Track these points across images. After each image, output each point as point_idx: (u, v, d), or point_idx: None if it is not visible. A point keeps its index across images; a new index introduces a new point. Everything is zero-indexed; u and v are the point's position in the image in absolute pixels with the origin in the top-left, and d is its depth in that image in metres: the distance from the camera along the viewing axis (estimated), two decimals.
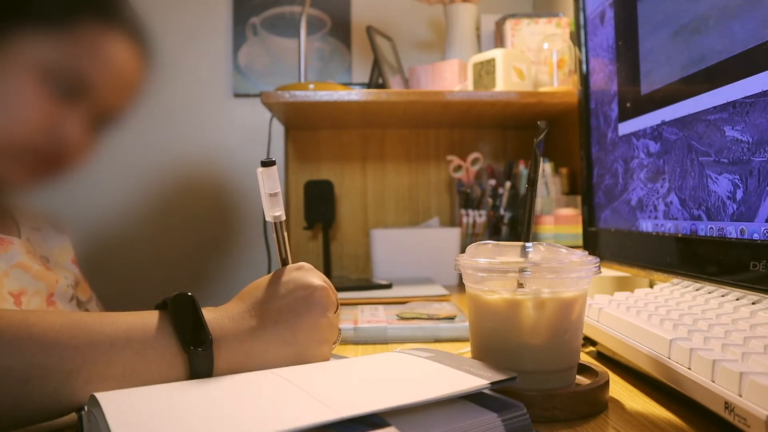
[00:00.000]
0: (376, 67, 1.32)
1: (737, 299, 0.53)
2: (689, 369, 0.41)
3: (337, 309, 0.51)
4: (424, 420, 0.34)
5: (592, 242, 0.87)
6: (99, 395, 0.37)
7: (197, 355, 0.43)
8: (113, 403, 0.36)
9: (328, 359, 0.49)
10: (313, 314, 0.48)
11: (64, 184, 0.70)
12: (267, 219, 0.51)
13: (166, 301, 0.46)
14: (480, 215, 1.36)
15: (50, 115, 0.64)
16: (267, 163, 0.49)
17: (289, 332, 0.47)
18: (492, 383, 0.37)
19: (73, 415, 0.41)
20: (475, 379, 0.37)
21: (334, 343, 0.51)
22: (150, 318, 0.44)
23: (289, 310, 0.47)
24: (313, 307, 0.48)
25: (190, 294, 0.45)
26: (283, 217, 0.51)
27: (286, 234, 0.52)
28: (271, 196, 0.50)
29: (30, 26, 0.64)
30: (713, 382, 0.38)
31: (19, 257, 0.68)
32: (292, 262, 0.53)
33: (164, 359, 0.42)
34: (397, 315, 0.77)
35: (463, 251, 0.50)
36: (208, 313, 0.46)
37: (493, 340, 0.46)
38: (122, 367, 0.41)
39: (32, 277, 0.68)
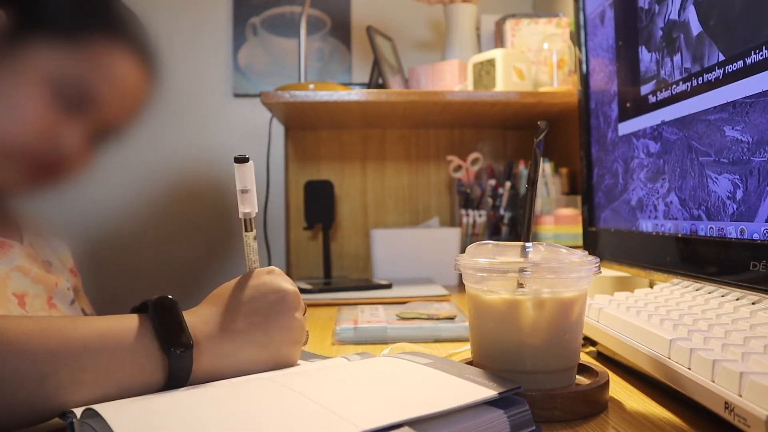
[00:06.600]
0: (376, 67, 1.32)
1: (737, 299, 0.53)
2: (689, 369, 0.41)
3: (305, 312, 0.52)
4: (436, 419, 0.34)
5: (592, 242, 0.87)
6: (98, 406, 0.36)
7: (178, 357, 0.42)
8: (114, 412, 0.35)
9: (297, 359, 0.50)
10: (285, 316, 0.49)
11: (62, 186, 0.71)
12: (240, 215, 0.51)
13: (145, 303, 0.45)
14: (480, 215, 1.36)
15: (52, 124, 0.65)
16: (239, 160, 0.49)
17: (263, 334, 0.47)
18: (500, 393, 0.38)
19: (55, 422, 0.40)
20: (484, 390, 0.38)
21: (303, 344, 0.52)
22: (127, 321, 0.44)
23: (262, 312, 0.48)
24: (286, 310, 0.49)
25: (171, 297, 0.45)
26: (253, 215, 0.51)
27: (254, 232, 0.52)
28: (242, 192, 0.49)
29: (43, 37, 0.65)
30: (713, 382, 0.38)
31: (18, 260, 0.69)
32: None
33: (139, 362, 0.42)
34: (397, 315, 0.77)
35: (463, 251, 0.49)
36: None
37: (493, 340, 0.46)
38: (96, 371, 0.40)
39: (31, 281, 0.69)
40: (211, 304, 0.48)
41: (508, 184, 1.35)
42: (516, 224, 1.34)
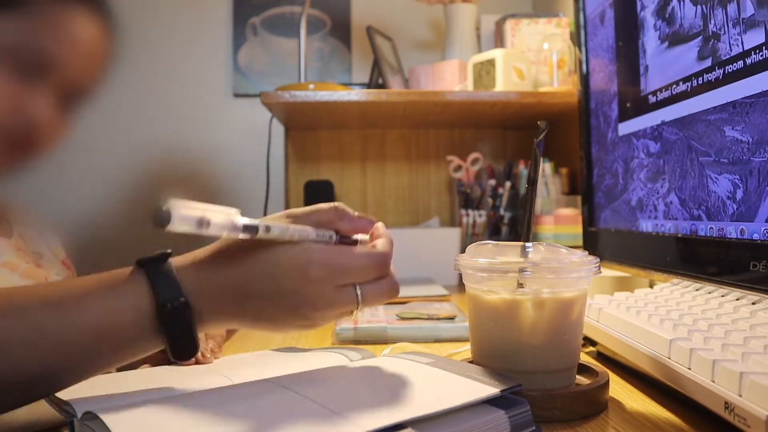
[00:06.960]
0: (376, 67, 1.32)
1: (737, 299, 0.53)
2: (689, 369, 0.41)
3: (357, 307, 0.45)
4: (437, 419, 0.34)
5: (592, 242, 0.87)
6: (98, 410, 0.36)
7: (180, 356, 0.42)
8: (114, 416, 0.35)
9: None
10: (298, 319, 0.45)
11: (60, 185, 0.70)
12: (240, 236, 0.45)
13: (141, 261, 0.45)
14: (480, 215, 1.36)
15: (15, 96, 0.62)
16: (159, 223, 0.39)
17: (270, 325, 0.45)
18: (501, 391, 0.38)
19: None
20: (486, 388, 0.38)
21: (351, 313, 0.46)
22: (125, 314, 0.42)
23: (276, 310, 0.44)
24: (301, 315, 0.44)
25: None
26: (245, 221, 0.45)
27: (268, 216, 0.50)
28: (204, 227, 0.41)
29: None
30: (713, 382, 0.38)
31: (6, 257, 0.68)
32: None
33: (142, 348, 0.42)
34: (397, 315, 0.77)
35: (463, 251, 0.49)
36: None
37: (493, 341, 0.46)
38: (98, 369, 0.41)
39: (20, 276, 0.68)
40: (229, 272, 0.44)
41: (508, 184, 1.35)
42: (516, 224, 1.34)
